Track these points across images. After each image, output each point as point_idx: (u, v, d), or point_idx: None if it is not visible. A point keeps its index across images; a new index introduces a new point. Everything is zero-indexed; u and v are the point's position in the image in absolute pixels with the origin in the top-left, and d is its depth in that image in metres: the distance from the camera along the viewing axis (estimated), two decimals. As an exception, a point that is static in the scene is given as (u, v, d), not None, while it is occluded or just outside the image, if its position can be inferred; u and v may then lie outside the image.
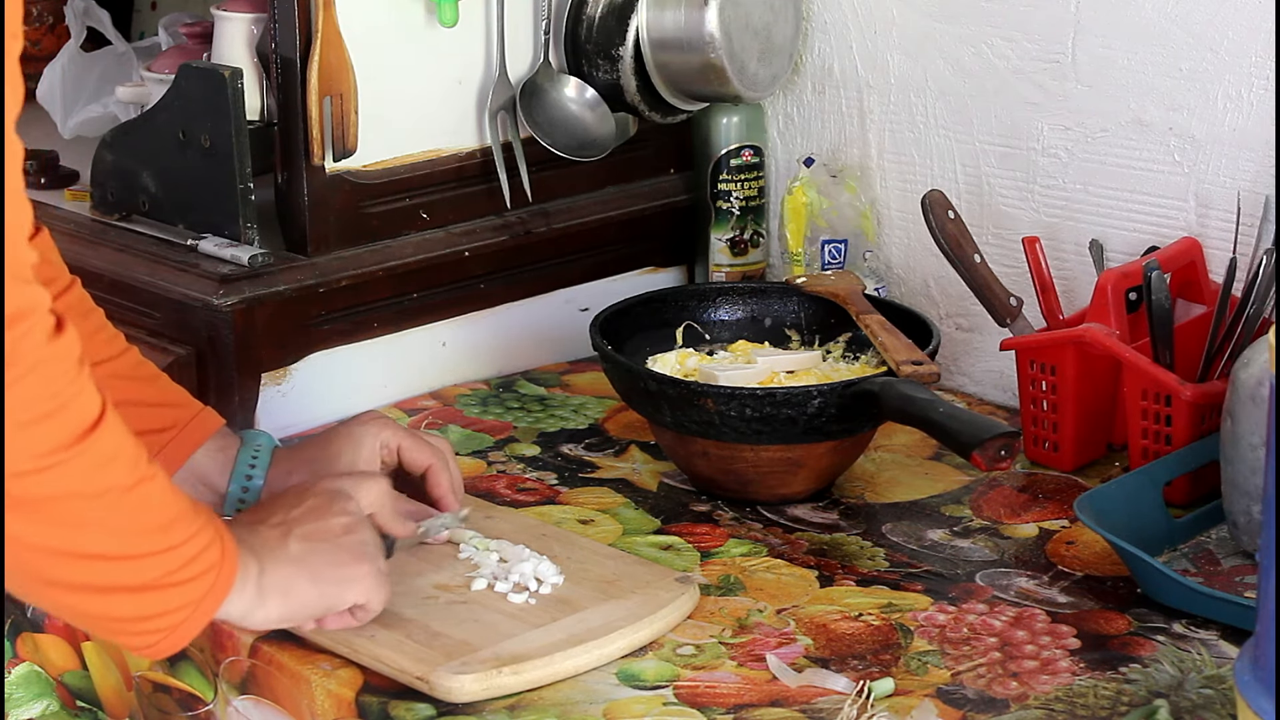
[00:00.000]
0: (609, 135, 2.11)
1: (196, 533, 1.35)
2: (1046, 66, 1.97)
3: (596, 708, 1.46)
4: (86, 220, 2.07)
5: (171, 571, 1.33)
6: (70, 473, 1.26)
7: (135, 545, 1.31)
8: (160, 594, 1.34)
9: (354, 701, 1.49)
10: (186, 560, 1.34)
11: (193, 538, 1.35)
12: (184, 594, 1.35)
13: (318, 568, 1.46)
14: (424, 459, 1.65)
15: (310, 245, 1.96)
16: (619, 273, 2.21)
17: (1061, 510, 1.77)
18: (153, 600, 1.34)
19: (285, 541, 1.46)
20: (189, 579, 1.35)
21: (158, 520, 1.33)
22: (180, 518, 1.34)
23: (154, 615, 1.34)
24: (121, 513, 1.30)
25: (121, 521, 1.30)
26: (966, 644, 1.54)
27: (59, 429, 1.26)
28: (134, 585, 1.32)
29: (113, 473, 1.29)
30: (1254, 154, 1.84)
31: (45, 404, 1.25)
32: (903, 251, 2.13)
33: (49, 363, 1.25)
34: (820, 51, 2.17)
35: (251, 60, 1.98)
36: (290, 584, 1.45)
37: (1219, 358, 1.77)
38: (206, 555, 1.36)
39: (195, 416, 1.64)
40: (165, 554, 1.33)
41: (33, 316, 1.24)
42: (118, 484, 1.30)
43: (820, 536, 1.73)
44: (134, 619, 1.34)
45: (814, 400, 1.71)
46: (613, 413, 2.01)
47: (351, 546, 1.49)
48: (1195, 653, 1.52)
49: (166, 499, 1.34)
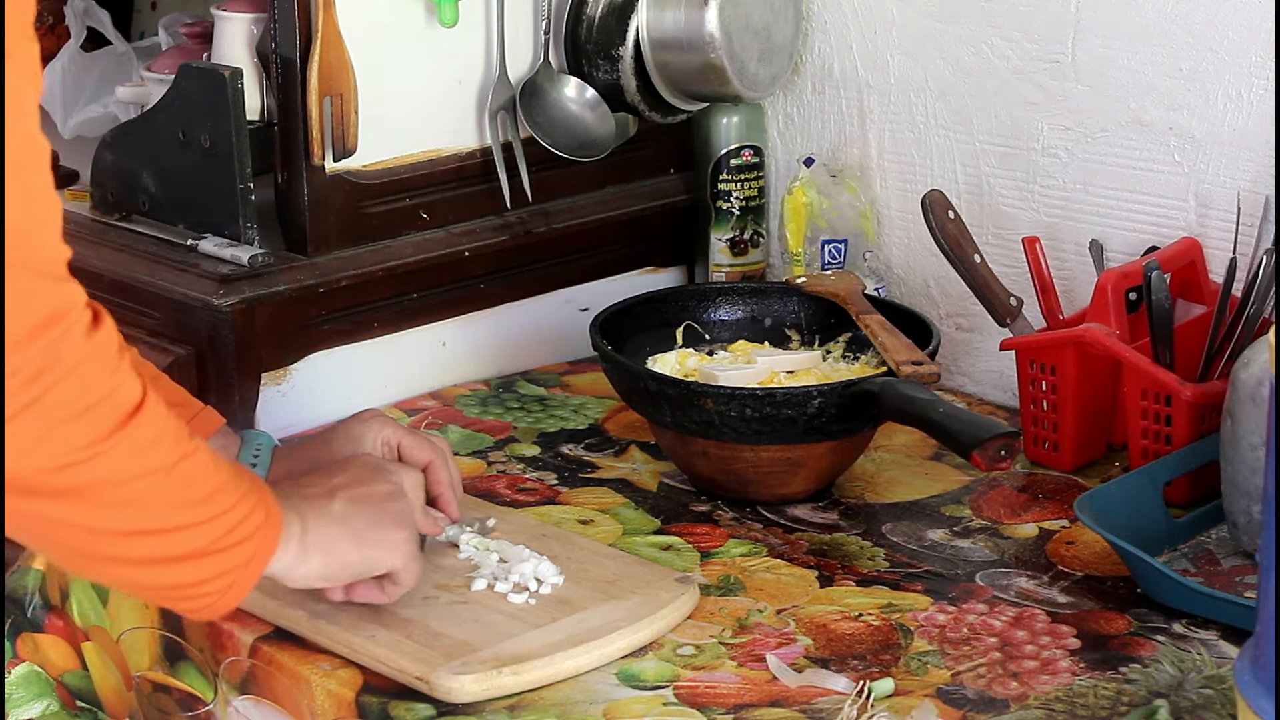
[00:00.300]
0: (609, 135, 2.11)
1: (241, 498, 1.38)
2: (1046, 66, 1.97)
3: (596, 708, 1.46)
4: (86, 220, 2.07)
5: (219, 538, 1.36)
6: (114, 459, 1.29)
7: (182, 517, 1.34)
8: (210, 559, 1.36)
9: (354, 701, 1.49)
10: (233, 525, 1.37)
11: (238, 504, 1.37)
12: (233, 557, 1.38)
13: (360, 528, 1.49)
14: (424, 456, 1.66)
15: (310, 245, 1.96)
16: (619, 273, 2.21)
17: (1061, 510, 1.77)
18: (203, 566, 1.36)
19: (330, 501, 1.48)
20: (237, 542, 1.37)
21: (202, 492, 1.35)
22: (224, 486, 1.37)
23: (206, 580, 1.37)
24: (167, 489, 1.33)
25: (167, 497, 1.33)
26: (966, 644, 1.54)
27: (101, 420, 1.28)
28: (183, 555, 1.35)
29: (156, 454, 1.32)
30: (1254, 154, 1.84)
31: (88, 398, 1.27)
32: (903, 251, 2.13)
33: (90, 359, 1.28)
34: (820, 51, 2.17)
35: (251, 60, 1.98)
36: (333, 541, 1.47)
37: (1219, 358, 1.77)
38: (252, 518, 1.38)
39: (195, 416, 1.64)
40: (212, 522, 1.36)
41: (71, 314, 1.26)
42: (161, 464, 1.32)
43: (820, 536, 1.73)
44: (187, 585, 1.37)
45: (814, 400, 1.71)
46: (613, 413, 2.01)
47: (394, 513, 1.51)
48: (1195, 653, 1.52)
49: (209, 470, 1.36)
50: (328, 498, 1.49)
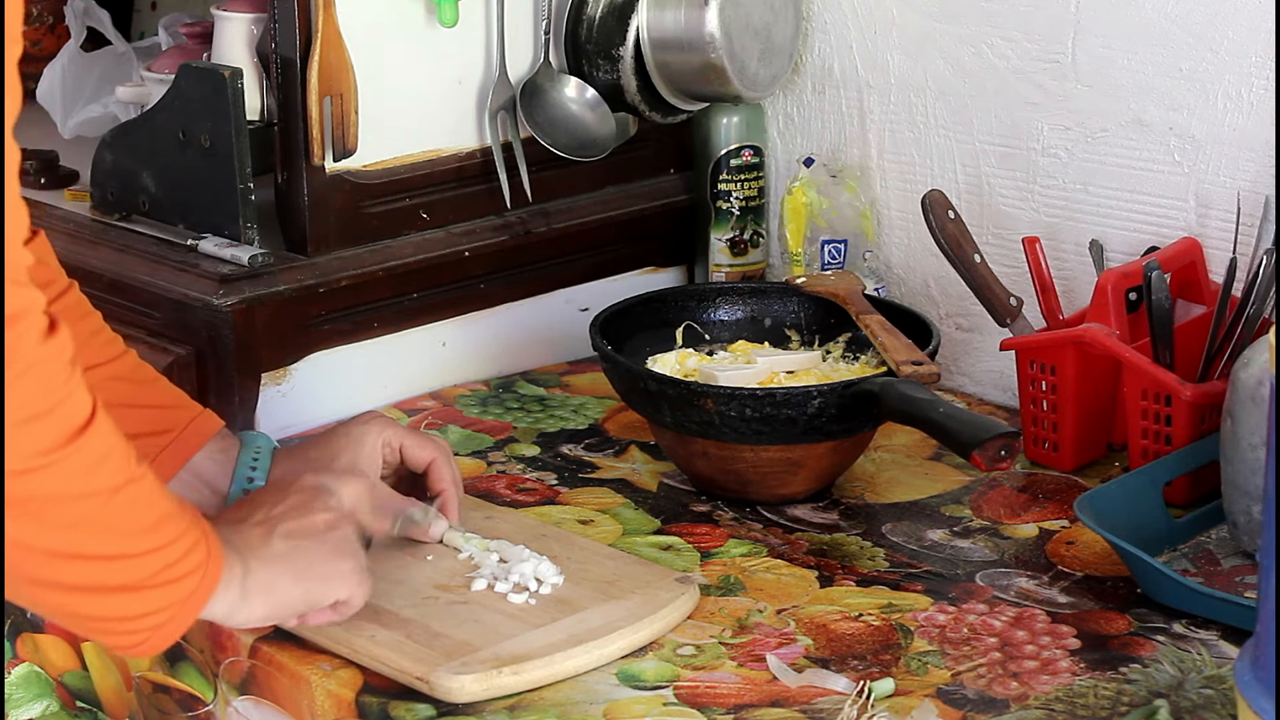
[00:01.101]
0: (609, 135, 2.11)
1: (183, 533, 1.35)
2: (1046, 66, 1.97)
3: (596, 708, 1.46)
4: (86, 220, 2.07)
5: (158, 571, 1.33)
6: (61, 473, 1.27)
7: (123, 545, 1.32)
8: (147, 594, 1.34)
9: (354, 702, 1.49)
10: (173, 560, 1.34)
11: (180, 538, 1.35)
12: (170, 594, 1.35)
13: (301, 566, 1.47)
14: (426, 455, 1.66)
15: (310, 245, 1.96)
16: (619, 273, 2.21)
17: (1061, 510, 1.77)
18: (139, 600, 1.34)
19: (269, 540, 1.46)
20: (175, 579, 1.35)
21: (146, 520, 1.33)
22: (168, 518, 1.34)
23: (140, 615, 1.34)
24: (111, 513, 1.30)
25: (110, 521, 1.31)
26: (966, 644, 1.54)
27: (51, 429, 1.26)
28: (121, 585, 1.32)
29: (103, 473, 1.29)
30: (1254, 154, 1.84)
31: (38, 404, 1.25)
32: (903, 251, 2.13)
33: (42, 364, 1.26)
34: (820, 51, 2.17)
35: (251, 60, 1.98)
36: (274, 582, 1.45)
37: (1219, 358, 1.77)
38: (193, 555, 1.36)
39: (194, 419, 1.64)
40: (153, 554, 1.33)
41: (27, 319, 1.25)
42: (108, 484, 1.30)
43: (820, 536, 1.73)
44: (120, 619, 1.34)
45: (814, 400, 1.71)
46: (613, 413, 2.01)
47: (335, 542, 1.49)
48: (1195, 653, 1.52)
49: (155, 499, 1.34)
50: (266, 535, 1.46)
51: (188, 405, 1.65)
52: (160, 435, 1.62)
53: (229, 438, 1.66)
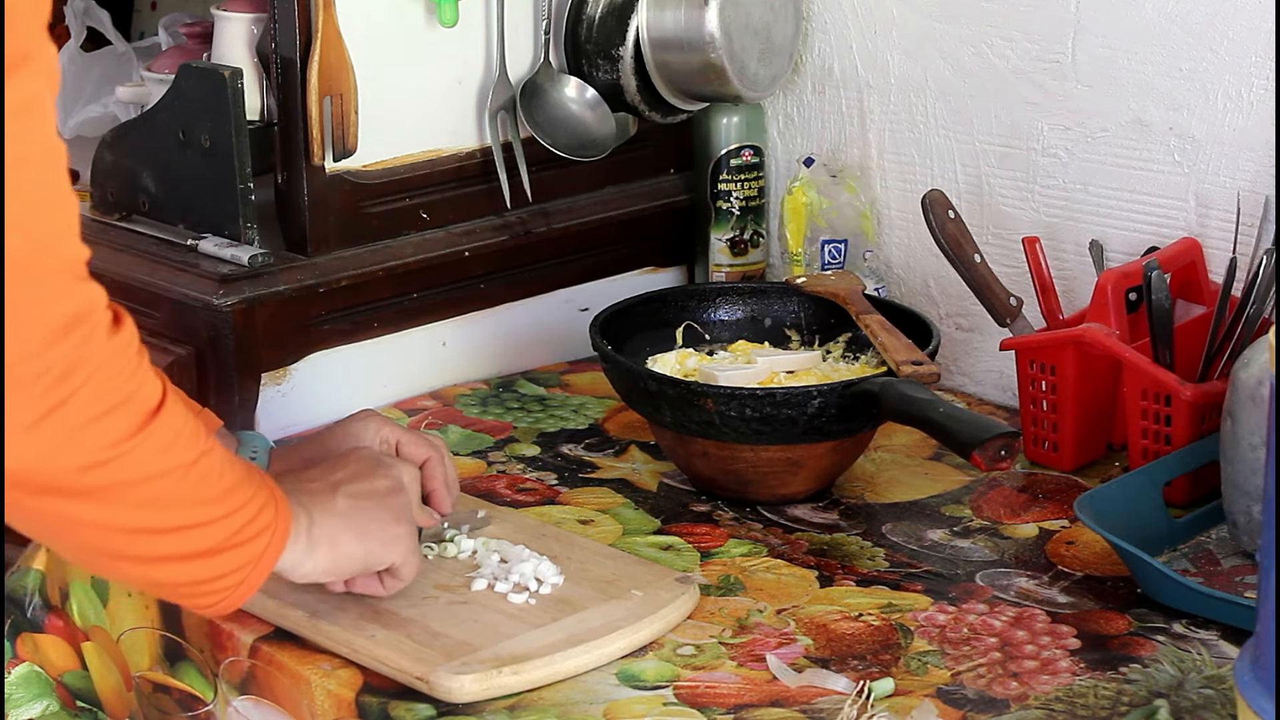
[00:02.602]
0: (609, 135, 2.11)
1: (253, 494, 1.40)
2: (1046, 66, 1.97)
3: (596, 708, 1.46)
4: (86, 220, 2.07)
5: (233, 534, 1.38)
6: (136, 459, 1.31)
7: (199, 515, 1.36)
8: (225, 555, 1.38)
9: (354, 701, 1.49)
10: (246, 521, 1.39)
11: (250, 500, 1.39)
12: (246, 553, 1.39)
13: (363, 523, 1.50)
14: (421, 453, 1.66)
15: (310, 245, 1.96)
16: (619, 273, 2.21)
17: (1061, 510, 1.77)
18: (219, 562, 1.38)
19: (334, 497, 1.50)
20: (250, 538, 1.39)
21: (217, 489, 1.37)
22: (238, 483, 1.39)
23: (219, 576, 1.39)
24: (185, 487, 1.35)
25: (185, 495, 1.35)
26: (966, 644, 1.54)
27: (124, 420, 1.30)
28: (198, 551, 1.37)
29: (175, 453, 1.33)
30: (1254, 154, 1.84)
31: (111, 398, 1.29)
32: (903, 251, 2.13)
33: (113, 359, 1.29)
34: (820, 51, 2.17)
35: (251, 60, 1.98)
36: (337, 536, 1.49)
37: (1219, 358, 1.77)
38: (264, 515, 1.40)
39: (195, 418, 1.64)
40: (227, 519, 1.37)
41: (94, 316, 1.28)
42: (181, 462, 1.34)
43: (820, 536, 1.73)
44: (200, 581, 1.39)
45: (814, 400, 1.71)
46: (613, 413, 2.01)
47: (395, 507, 1.53)
48: (1195, 653, 1.52)
49: (224, 468, 1.38)
50: (331, 492, 1.50)
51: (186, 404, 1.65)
52: None
53: (226, 437, 1.66)
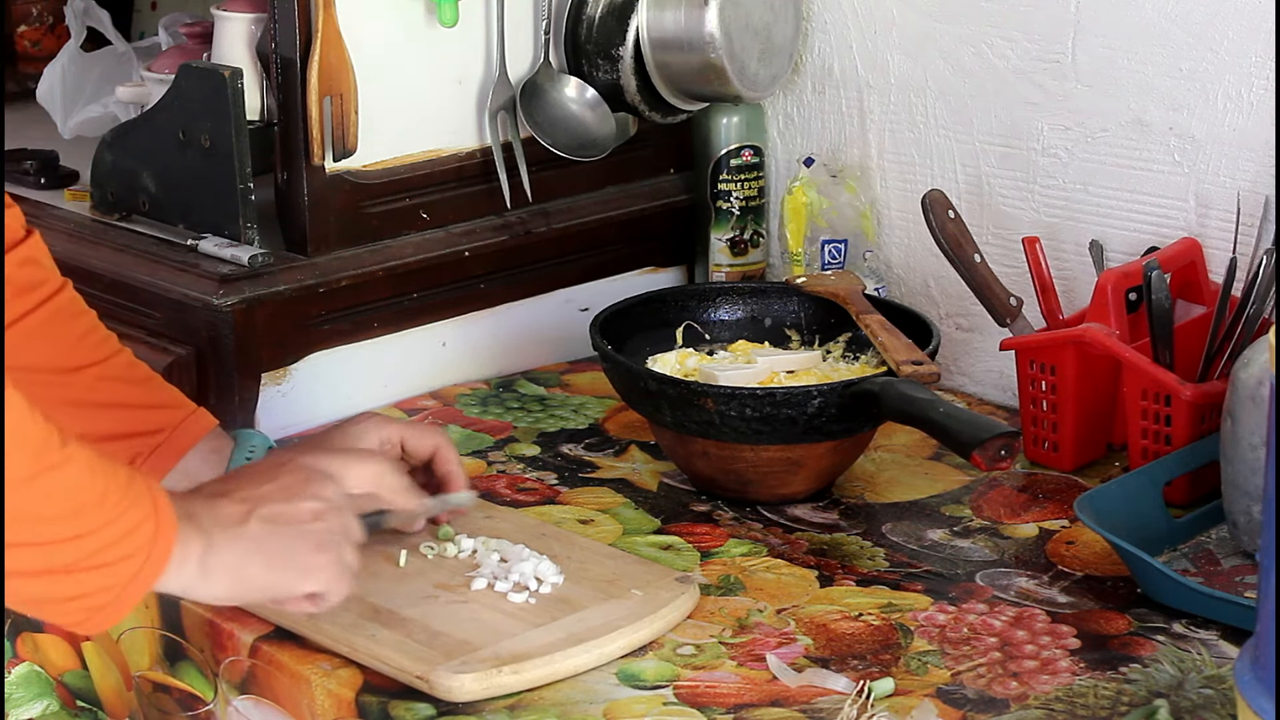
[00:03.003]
0: (609, 135, 2.11)
1: (119, 516, 1.32)
2: (1046, 66, 1.97)
3: (596, 707, 1.46)
4: (86, 220, 2.07)
5: (89, 555, 1.31)
6: None
7: (43, 533, 1.29)
8: (81, 576, 1.32)
9: (354, 701, 1.49)
10: (106, 544, 1.32)
11: (113, 521, 1.32)
12: (107, 575, 1.33)
13: (273, 552, 1.42)
14: (428, 444, 1.65)
15: (310, 245, 1.96)
16: (619, 273, 2.21)
17: (1061, 510, 1.77)
18: (73, 582, 1.32)
19: (245, 520, 1.42)
20: (111, 561, 1.32)
21: (67, 506, 1.30)
22: (99, 501, 1.32)
23: (81, 595, 1.33)
24: (25, 501, 1.28)
25: (26, 510, 1.28)
26: (966, 644, 1.54)
27: None
28: (48, 569, 1.31)
29: (12, 465, 1.27)
30: (1254, 154, 1.84)
31: None
32: (903, 251, 2.13)
33: None
34: (820, 51, 2.17)
35: (251, 60, 1.98)
36: (242, 564, 1.41)
37: (1219, 358, 1.77)
38: (133, 538, 1.33)
39: (187, 418, 1.64)
40: (79, 540, 1.31)
41: None
42: (15, 476, 1.27)
43: (820, 536, 1.73)
44: (56, 600, 1.33)
45: (814, 400, 1.71)
46: (613, 413, 2.01)
47: (315, 534, 1.44)
48: (1195, 653, 1.52)
49: (81, 484, 1.31)
50: (245, 515, 1.42)
51: (181, 404, 1.65)
52: (153, 435, 1.62)
53: (223, 437, 1.65)
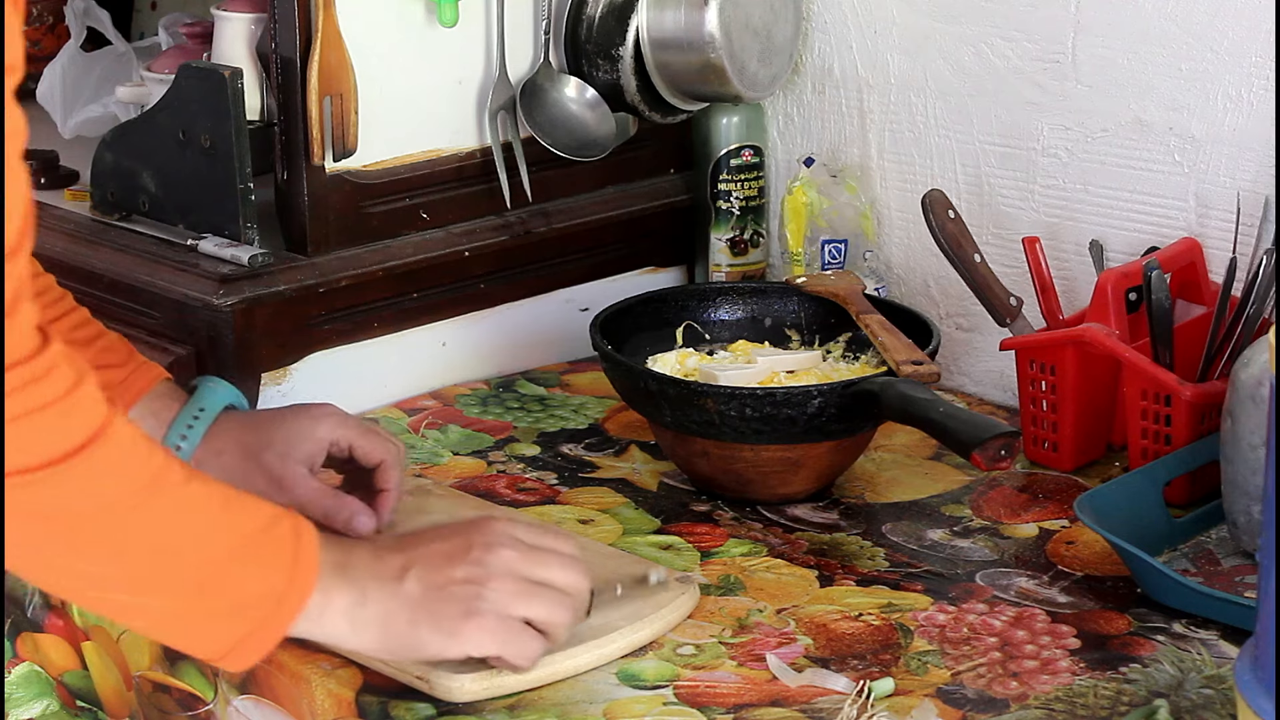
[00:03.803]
0: (609, 135, 2.11)
1: (250, 559, 1.35)
2: (1046, 66, 1.97)
3: (596, 708, 1.46)
4: (86, 220, 2.07)
5: (216, 598, 1.34)
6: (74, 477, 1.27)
7: (167, 570, 1.32)
8: (206, 618, 1.34)
9: (354, 701, 1.49)
10: (234, 587, 1.34)
11: (244, 565, 1.34)
12: (237, 620, 1.34)
13: (421, 612, 1.41)
14: (376, 455, 1.64)
15: (310, 245, 1.96)
16: (619, 273, 2.21)
17: (1061, 510, 1.77)
18: (201, 624, 1.35)
19: (402, 577, 1.42)
20: (242, 606, 1.34)
21: (189, 544, 1.33)
22: (227, 543, 1.34)
23: (208, 639, 1.35)
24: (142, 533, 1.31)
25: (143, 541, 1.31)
26: (966, 644, 1.54)
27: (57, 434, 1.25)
28: (175, 608, 1.34)
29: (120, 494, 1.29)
30: (1254, 154, 1.84)
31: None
32: (903, 251, 2.13)
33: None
34: (820, 51, 2.17)
35: (251, 60, 1.98)
36: (390, 619, 1.41)
37: (1219, 358, 1.77)
38: (263, 582, 1.35)
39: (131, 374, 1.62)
40: (205, 583, 1.33)
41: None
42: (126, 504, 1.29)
43: (820, 536, 1.73)
44: (185, 637, 1.36)
45: (814, 400, 1.71)
46: (613, 413, 2.01)
47: (464, 599, 1.42)
48: (1195, 653, 1.52)
49: (212, 523, 1.33)
50: (401, 573, 1.42)
51: (125, 361, 1.62)
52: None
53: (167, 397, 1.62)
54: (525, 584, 1.44)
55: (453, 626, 1.42)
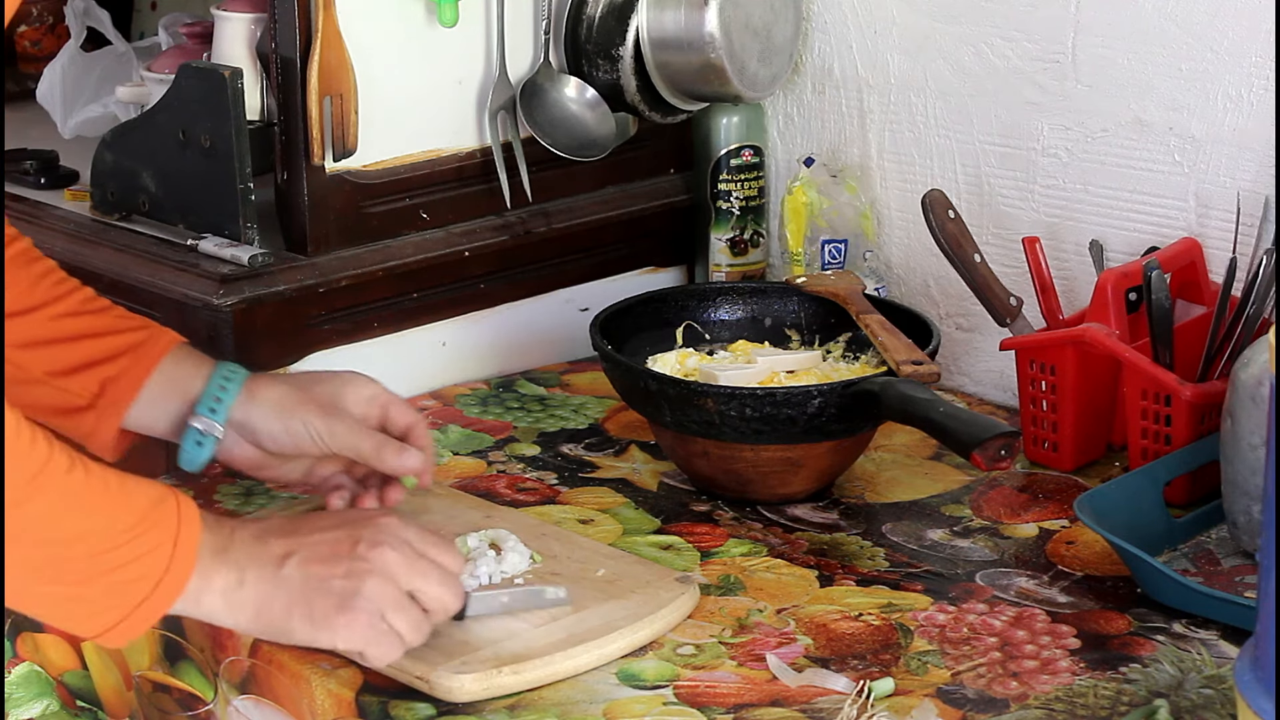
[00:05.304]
0: (609, 135, 2.11)
1: (133, 539, 1.38)
2: (1046, 66, 1.97)
3: (596, 708, 1.46)
4: (86, 220, 2.08)
5: (98, 574, 1.37)
6: None
7: (51, 551, 1.36)
8: (89, 593, 1.38)
9: (354, 701, 1.49)
10: (117, 565, 1.37)
11: (125, 545, 1.38)
12: (118, 595, 1.38)
13: (296, 601, 1.45)
14: (409, 416, 1.66)
15: (310, 245, 1.96)
16: (619, 273, 2.21)
17: (1061, 510, 1.77)
18: (83, 599, 1.38)
19: (282, 563, 1.45)
20: (123, 583, 1.38)
21: (73, 529, 1.36)
22: (106, 525, 1.37)
23: (87, 614, 1.39)
24: (26, 519, 1.34)
25: (27, 529, 1.34)
26: (966, 644, 1.54)
27: None
28: (58, 582, 1.37)
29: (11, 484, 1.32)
30: (1254, 154, 1.84)
31: None
32: (903, 251, 2.13)
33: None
34: (820, 51, 2.17)
35: (251, 60, 1.98)
36: (266, 604, 1.45)
37: (1219, 358, 1.77)
38: (143, 563, 1.39)
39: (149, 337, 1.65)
40: (90, 558, 1.37)
41: None
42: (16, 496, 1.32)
43: (820, 536, 1.73)
44: (68, 616, 1.40)
45: (814, 400, 1.71)
46: (613, 413, 2.01)
47: (341, 593, 1.45)
48: (1195, 653, 1.52)
49: (95, 505, 1.37)
50: (281, 560, 1.45)
51: (143, 325, 1.66)
52: (118, 358, 1.64)
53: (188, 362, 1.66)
54: (400, 594, 1.46)
55: (325, 619, 1.45)
